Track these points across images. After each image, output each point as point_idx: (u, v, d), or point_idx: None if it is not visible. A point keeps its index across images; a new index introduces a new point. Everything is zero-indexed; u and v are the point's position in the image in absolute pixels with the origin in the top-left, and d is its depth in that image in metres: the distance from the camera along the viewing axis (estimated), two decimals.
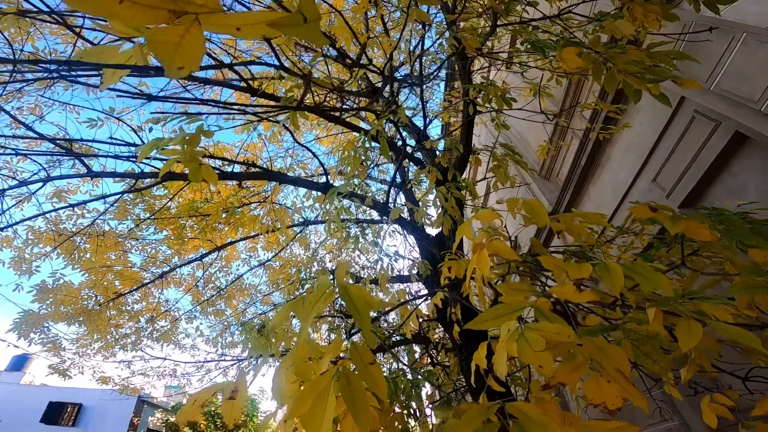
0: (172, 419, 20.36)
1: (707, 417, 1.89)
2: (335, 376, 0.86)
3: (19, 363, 24.54)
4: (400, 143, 3.42)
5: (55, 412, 20.98)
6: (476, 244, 1.40)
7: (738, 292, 1.18)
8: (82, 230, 4.09)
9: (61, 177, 3.81)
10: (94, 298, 4.74)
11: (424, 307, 3.84)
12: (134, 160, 3.47)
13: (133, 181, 3.60)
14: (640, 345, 1.58)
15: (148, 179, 3.56)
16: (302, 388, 0.98)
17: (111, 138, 3.52)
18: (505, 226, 1.65)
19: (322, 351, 0.98)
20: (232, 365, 6.42)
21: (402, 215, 3.18)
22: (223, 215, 4.32)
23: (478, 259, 1.35)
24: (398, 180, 4.05)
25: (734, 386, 2.17)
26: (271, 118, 3.03)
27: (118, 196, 3.76)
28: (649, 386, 3.82)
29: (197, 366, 6.73)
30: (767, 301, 1.43)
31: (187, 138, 1.93)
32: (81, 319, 4.85)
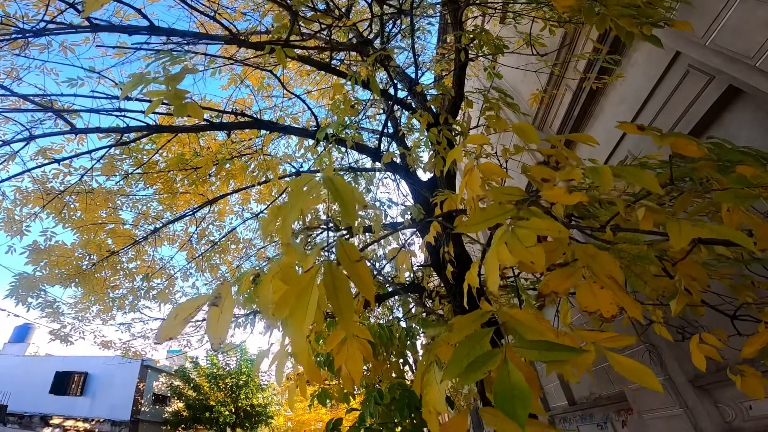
0: (177, 383, 20.88)
1: (696, 358, 1.84)
2: (319, 272, 0.84)
3: (22, 334, 24.62)
4: (391, 90, 3.35)
5: (62, 382, 21.10)
6: (468, 168, 1.38)
7: (726, 201, 1.18)
8: (69, 188, 4.02)
9: (44, 135, 3.72)
10: (87, 257, 4.72)
11: (420, 255, 3.88)
12: (118, 114, 3.38)
13: (119, 136, 3.52)
14: (631, 265, 1.60)
15: (134, 133, 3.48)
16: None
17: (93, 92, 3.41)
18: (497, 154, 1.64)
19: (307, 255, 0.96)
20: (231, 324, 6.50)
21: (394, 159, 3.16)
22: (213, 167, 4.25)
23: (470, 180, 1.34)
24: (390, 129, 4.00)
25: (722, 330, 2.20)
26: (257, 64, 2.93)
27: (105, 151, 3.68)
28: (639, 332, 3.95)
29: (196, 327, 6.83)
30: (756, 223, 1.43)
31: (171, 76, 1.87)
32: (77, 281, 4.85)
